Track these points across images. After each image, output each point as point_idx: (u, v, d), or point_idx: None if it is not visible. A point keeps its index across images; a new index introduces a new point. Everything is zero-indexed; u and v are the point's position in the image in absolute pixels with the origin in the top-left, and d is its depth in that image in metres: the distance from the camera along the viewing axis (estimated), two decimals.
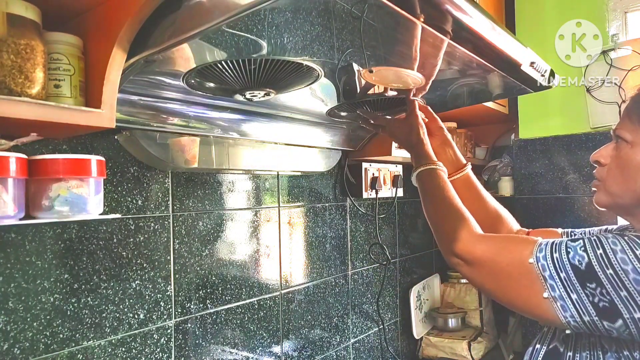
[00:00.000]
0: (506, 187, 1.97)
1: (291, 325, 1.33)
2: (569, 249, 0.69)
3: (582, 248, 0.68)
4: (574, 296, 0.67)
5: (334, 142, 1.37)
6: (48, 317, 0.82)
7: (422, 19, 0.67)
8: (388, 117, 1.13)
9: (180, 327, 1.03)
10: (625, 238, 0.67)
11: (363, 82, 0.94)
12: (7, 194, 0.61)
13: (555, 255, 0.69)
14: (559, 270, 0.68)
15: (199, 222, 1.08)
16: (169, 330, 1.01)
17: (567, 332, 0.71)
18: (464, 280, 2.01)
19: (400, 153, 1.46)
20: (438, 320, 1.89)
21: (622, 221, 1.63)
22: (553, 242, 0.71)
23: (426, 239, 2.06)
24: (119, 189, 0.93)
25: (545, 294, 0.69)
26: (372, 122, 1.11)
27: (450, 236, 0.81)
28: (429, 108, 1.09)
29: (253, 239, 1.23)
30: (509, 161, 2.01)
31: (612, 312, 0.65)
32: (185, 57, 0.72)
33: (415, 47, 0.80)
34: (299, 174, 1.37)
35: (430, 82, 0.98)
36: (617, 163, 0.76)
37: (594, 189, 0.82)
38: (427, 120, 1.05)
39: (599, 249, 0.67)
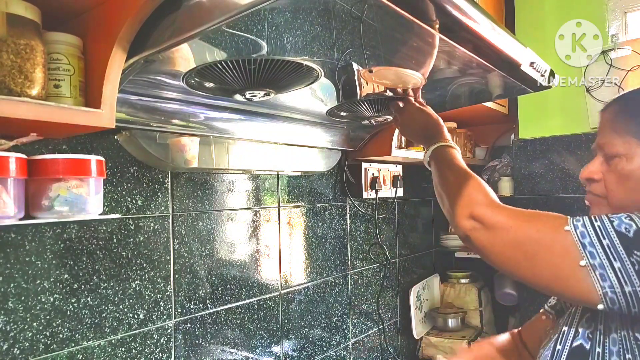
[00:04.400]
0: (506, 187, 1.97)
1: (291, 325, 1.33)
2: (612, 219, 0.66)
3: (628, 218, 0.65)
4: (616, 264, 0.63)
5: (333, 142, 1.37)
6: (48, 317, 0.82)
7: (419, 18, 0.67)
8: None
9: (180, 327, 1.03)
10: None
11: (363, 82, 0.94)
12: (7, 194, 0.61)
13: (597, 223, 0.66)
14: (602, 237, 0.65)
15: (198, 222, 1.08)
16: (168, 330, 1.01)
17: (600, 307, 0.66)
18: (463, 281, 2.01)
19: (400, 153, 1.46)
20: (438, 320, 1.89)
21: None
22: (589, 215, 0.69)
23: (426, 239, 2.06)
24: (119, 189, 0.93)
25: (583, 262, 0.64)
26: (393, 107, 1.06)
27: (469, 199, 0.77)
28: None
29: (253, 239, 1.23)
30: (508, 161, 2.01)
31: None
32: (185, 57, 0.72)
33: (411, 45, 0.80)
34: (299, 174, 1.37)
35: (425, 81, 0.98)
36: (617, 178, 0.74)
37: (588, 203, 0.80)
38: None
39: None
